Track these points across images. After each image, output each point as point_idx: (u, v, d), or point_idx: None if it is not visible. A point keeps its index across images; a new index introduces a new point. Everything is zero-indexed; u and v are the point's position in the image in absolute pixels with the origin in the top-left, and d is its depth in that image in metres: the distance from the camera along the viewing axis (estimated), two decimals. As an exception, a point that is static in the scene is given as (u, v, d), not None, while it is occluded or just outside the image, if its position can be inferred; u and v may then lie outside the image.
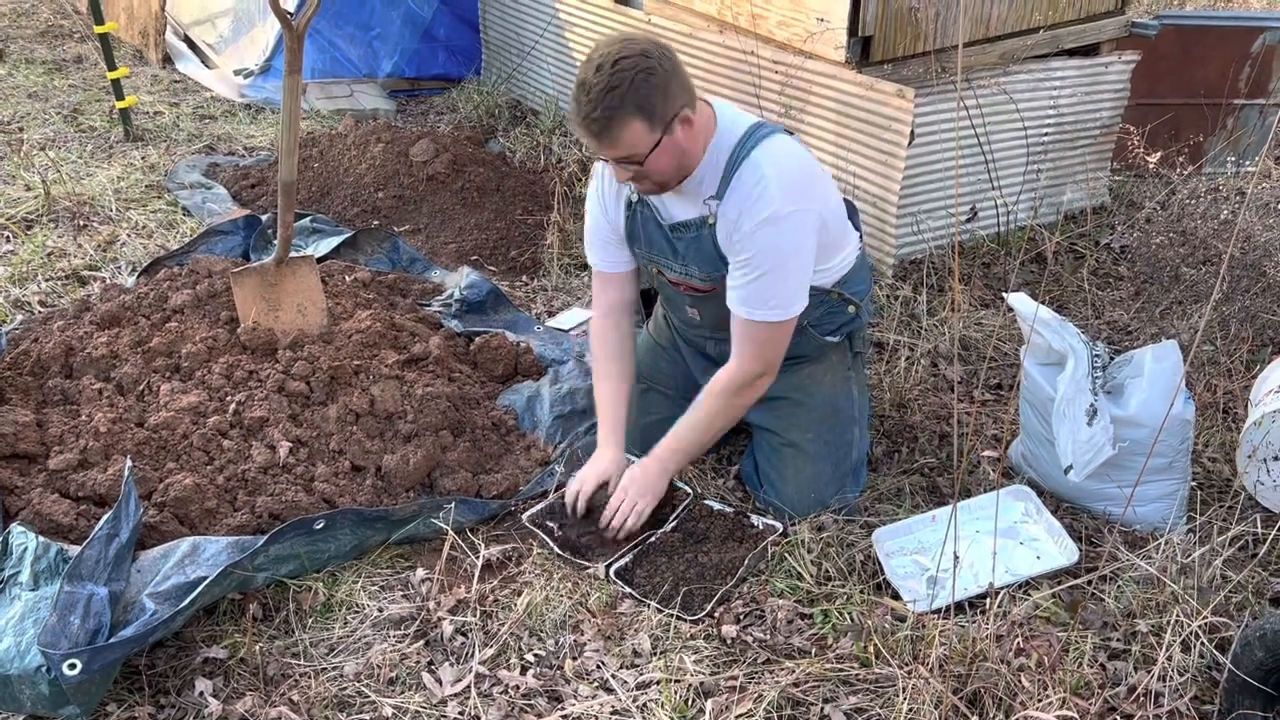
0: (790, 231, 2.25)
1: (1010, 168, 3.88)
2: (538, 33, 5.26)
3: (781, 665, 2.10)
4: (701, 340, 2.68)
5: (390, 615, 2.23)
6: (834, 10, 3.53)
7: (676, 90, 2.15)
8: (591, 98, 2.08)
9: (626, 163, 2.19)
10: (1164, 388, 2.38)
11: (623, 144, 2.14)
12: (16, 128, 5.05)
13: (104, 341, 2.86)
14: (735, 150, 2.26)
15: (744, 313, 2.32)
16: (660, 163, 2.19)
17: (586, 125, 2.12)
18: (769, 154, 2.25)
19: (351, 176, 4.38)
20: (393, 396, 2.75)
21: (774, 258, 2.25)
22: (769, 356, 2.39)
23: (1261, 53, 4.42)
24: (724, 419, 2.47)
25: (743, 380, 2.39)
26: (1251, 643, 1.90)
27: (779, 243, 2.24)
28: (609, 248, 2.56)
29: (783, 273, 2.28)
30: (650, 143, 2.15)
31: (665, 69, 2.12)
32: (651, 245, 2.47)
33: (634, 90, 2.08)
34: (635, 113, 2.10)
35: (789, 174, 2.25)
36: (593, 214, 2.55)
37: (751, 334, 2.34)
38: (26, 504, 2.30)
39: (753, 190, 2.23)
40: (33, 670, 1.87)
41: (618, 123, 2.10)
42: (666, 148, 2.17)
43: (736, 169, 2.25)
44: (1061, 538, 2.39)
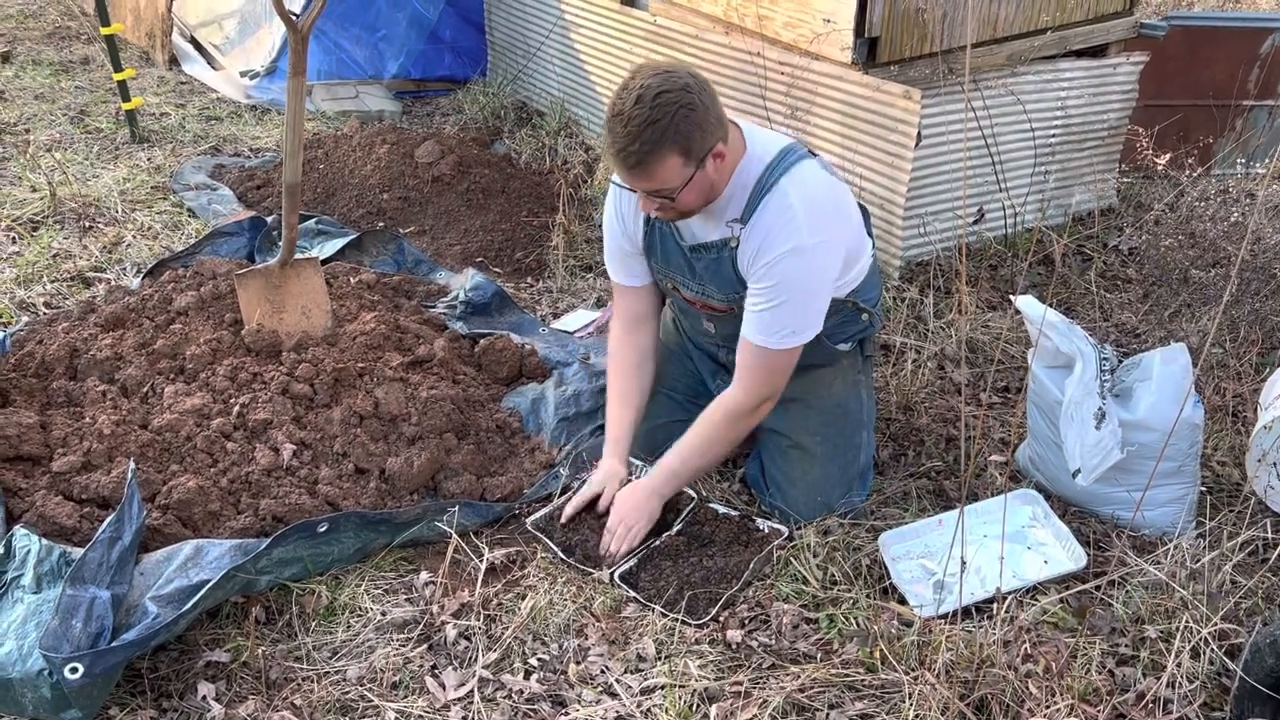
0: (814, 263, 2.24)
1: (1018, 169, 3.86)
2: (543, 34, 5.25)
3: (787, 670, 2.08)
4: (714, 348, 2.66)
5: (393, 619, 2.22)
6: (840, 11, 3.51)
7: (713, 125, 2.13)
8: (630, 130, 2.05)
9: (656, 195, 2.17)
10: (1173, 391, 2.36)
11: (657, 179, 2.12)
12: (23, 129, 5.05)
13: (108, 343, 2.86)
14: (763, 176, 2.24)
15: (756, 339, 2.30)
16: (689, 197, 2.18)
17: (623, 158, 2.09)
18: (796, 182, 2.23)
19: (357, 178, 4.38)
20: (397, 399, 2.74)
21: (795, 289, 2.24)
22: (775, 383, 2.37)
23: (1271, 54, 4.40)
24: (723, 445, 2.45)
25: (747, 407, 2.38)
26: (1262, 649, 1.89)
27: (801, 274, 2.23)
28: (628, 261, 2.55)
29: (801, 303, 2.27)
30: (684, 178, 2.13)
31: (704, 104, 2.10)
32: (669, 263, 2.46)
33: (674, 126, 2.05)
34: (673, 149, 2.07)
35: (816, 204, 2.23)
36: (610, 229, 2.53)
37: (760, 360, 2.32)
38: (30, 506, 2.30)
39: (778, 219, 2.21)
40: (35, 673, 1.86)
41: (656, 157, 2.07)
42: (698, 182, 2.16)
43: (764, 195, 2.23)
44: (1069, 542, 2.38)
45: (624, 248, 2.53)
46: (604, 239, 2.57)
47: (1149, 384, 2.41)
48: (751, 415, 2.40)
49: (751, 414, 2.39)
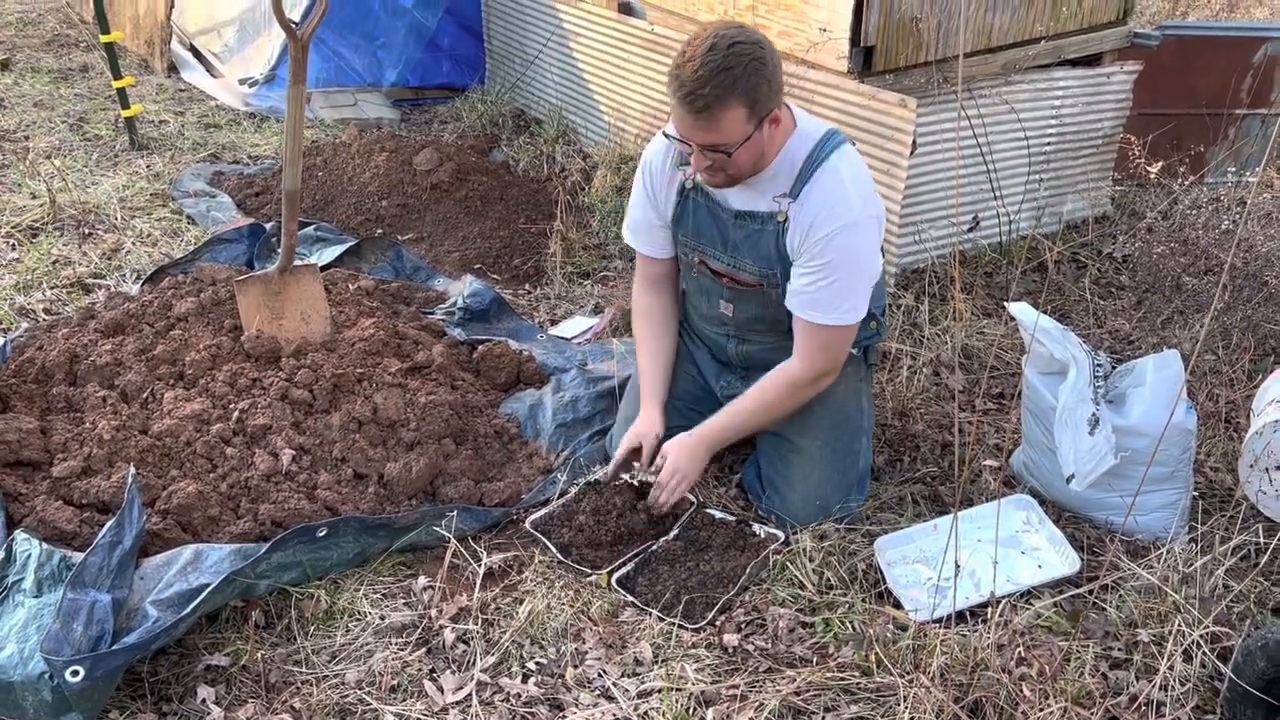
0: (865, 237, 2.29)
1: (1012, 177, 3.89)
2: (541, 42, 5.28)
3: (783, 674, 2.10)
4: (723, 340, 2.67)
5: (392, 623, 2.23)
6: (836, 20, 3.54)
7: (778, 87, 2.16)
8: (701, 75, 2.05)
9: (713, 150, 2.17)
10: (1166, 397, 2.38)
11: (721, 129, 2.12)
12: (23, 136, 5.07)
13: (108, 349, 2.87)
14: (814, 152, 2.28)
15: (815, 317, 2.34)
16: (743, 156, 2.20)
17: (690, 101, 2.08)
18: (846, 160, 2.29)
19: (355, 185, 4.40)
20: (395, 404, 2.76)
21: (850, 263, 2.29)
22: (836, 357, 2.42)
23: (1263, 63, 4.43)
24: (780, 410, 2.49)
25: (809, 378, 2.43)
26: (1253, 652, 1.90)
27: (855, 247, 2.28)
28: (653, 231, 2.58)
29: (856, 278, 2.32)
30: (745, 134, 2.14)
31: (773, 63, 2.13)
32: (700, 233, 2.48)
33: (746, 76, 2.07)
34: (741, 99, 2.09)
35: (863, 182, 2.30)
36: (639, 201, 2.56)
37: (821, 338, 2.37)
38: (30, 511, 2.31)
39: (832, 195, 2.25)
40: (36, 677, 1.87)
41: (722, 105, 2.08)
42: (754, 142, 2.18)
43: (814, 171, 2.27)
44: (1063, 547, 2.39)
45: (650, 220, 2.55)
46: (630, 211, 2.60)
47: (1142, 390, 2.43)
48: (810, 386, 2.45)
49: (810, 385, 2.45)
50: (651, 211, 2.54)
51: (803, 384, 2.44)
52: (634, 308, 2.72)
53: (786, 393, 2.45)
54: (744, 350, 2.61)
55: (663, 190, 2.50)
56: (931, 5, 3.56)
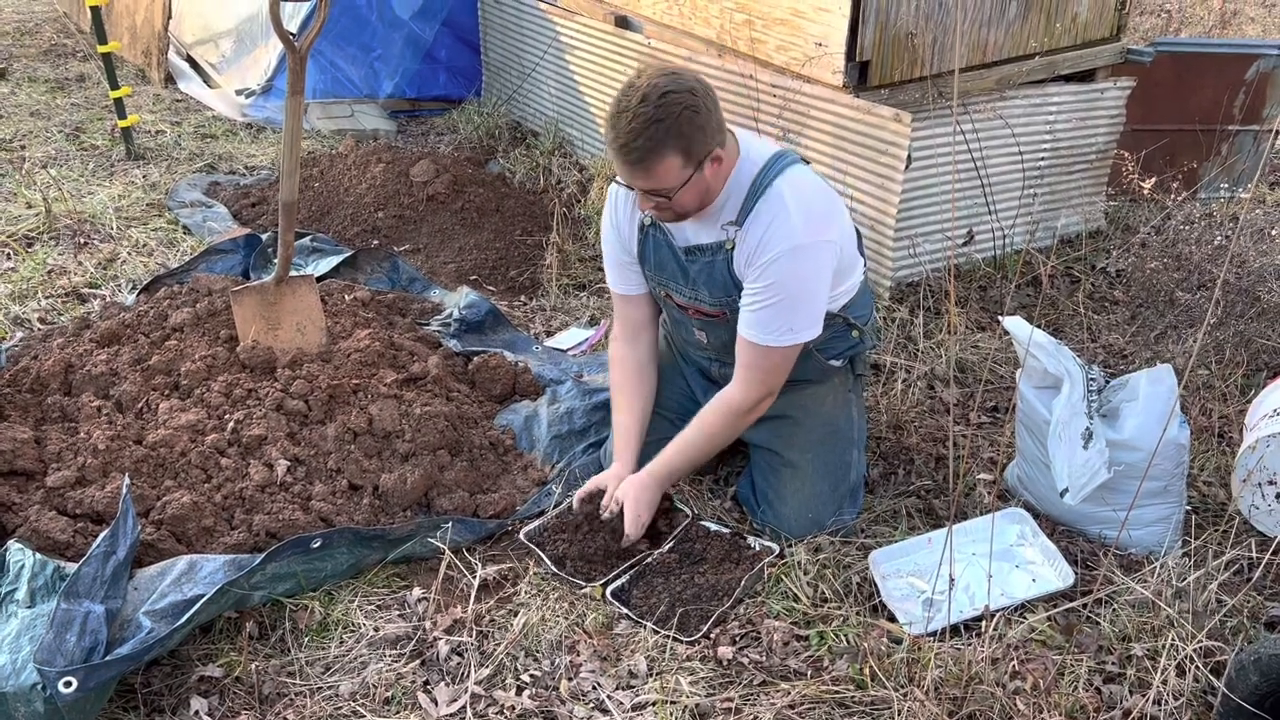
0: (809, 262, 2.27)
1: (1006, 192, 3.91)
2: (538, 55, 5.30)
3: (777, 687, 2.10)
4: (705, 362, 2.69)
5: (386, 635, 2.23)
6: (832, 36, 3.56)
7: (714, 130, 2.17)
8: (634, 127, 2.08)
9: (653, 194, 2.21)
10: (1159, 411, 2.39)
11: (656, 177, 2.15)
12: (19, 145, 5.07)
13: (103, 359, 2.87)
14: (758, 178, 2.28)
15: (752, 336, 2.33)
16: (685, 198, 2.22)
17: (624, 153, 2.12)
18: (791, 183, 2.27)
19: (352, 196, 4.41)
20: (391, 416, 2.76)
21: (791, 287, 2.28)
22: (772, 382, 2.41)
23: (1255, 80, 4.46)
24: (721, 439, 2.49)
25: (744, 404, 2.41)
26: (1246, 667, 1.91)
27: (797, 272, 2.27)
28: (625, 269, 2.58)
29: (797, 301, 2.30)
30: (683, 179, 2.17)
31: (707, 108, 2.14)
32: (661, 269, 2.49)
33: (678, 126, 2.09)
34: (674, 149, 2.11)
35: (810, 204, 2.27)
36: (607, 237, 2.57)
37: (757, 359, 2.36)
38: (24, 521, 2.31)
39: (774, 220, 2.25)
40: (28, 688, 1.87)
41: (656, 155, 2.11)
42: (695, 184, 2.20)
43: (758, 197, 2.27)
44: (1057, 561, 2.40)
45: (620, 256, 2.56)
46: (603, 247, 2.61)
47: (1135, 404, 2.44)
48: (750, 413, 2.44)
49: (750, 411, 2.43)
50: (619, 248, 2.55)
51: (741, 410, 2.42)
52: (610, 357, 2.67)
53: (726, 420, 2.44)
54: (725, 372, 2.61)
55: (626, 227, 2.52)
56: (927, 21, 3.58)
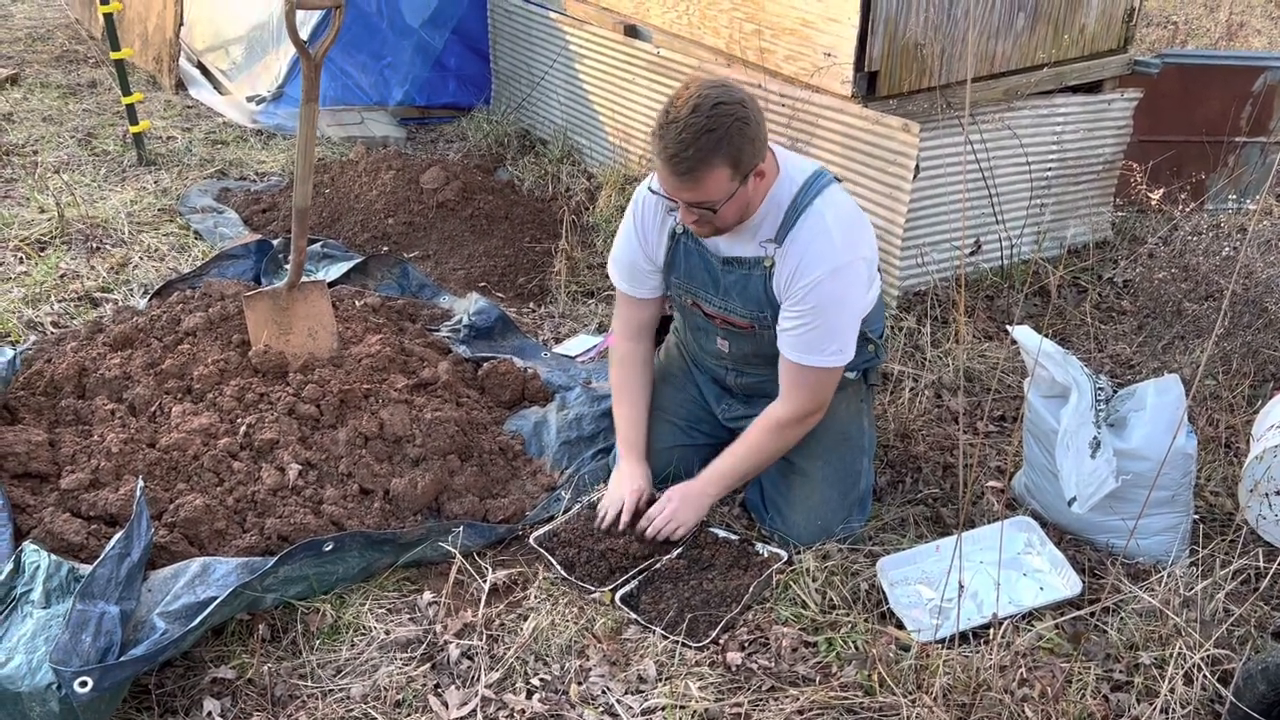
0: (850, 281, 2.31)
1: (1014, 202, 3.92)
2: (547, 64, 5.33)
3: (786, 693, 2.11)
4: (722, 371, 2.70)
5: (397, 638, 2.24)
6: (841, 46, 3.58)
7: (761, 143, 2.19)
8: (684, 137, 2.08)
9: (697, 207, 2.21)
10: (1166, 421, 2.40)
11: (704, 188, 2.15)
12: (31, 151, 5.10)
13: (117, 363, 2.89)
14: (798, 197, 2.30)
15: (801, 359, 2.36)
16: (729, 211, 2.23)
17: (674, 164, 2.12)
18: (830, 203, 2.30)
19: (362, 203, 4.43)
20: (401, 420, 2.78)
21: (834, 307, 2.31)
22: (821, 398, 2.45)
23: (1263, 92, 4.48)
24: (771, 452, 2.52)
25: (795, 418, 2.46)
26: (1253, 676, 1.92)
27: (840, 292, 2.30)
28: (639, 274, 2.59)
29: (840, 320, 2.34)
30: (729, 192, 2.18)
31: (757, 121, 2.15)
32: (692, 277, 2.50)
33: (729, 137, 2.09)
34: (725, 160, 2.12)
35: (848, 225, 2.31)
36: (628, 243, 2.56)
37: (807, 379, 2.39)
38: (38, 523, 2.32)
39: (816, 240, 2.27)
40: (43, 687, 1.88)
41: (706, 166, 2.11)
42: (739, 197, 2.21)
43: (799, 216, 2.29)
44: (1064, 569, 2.41)
45: (638, 263, 2.56)
46: (617, 249, 2.60)
47: (1143, 414, 2.45)
48: (797, 426, 2.48)
49: (797, 425, 2.48)
50: (639, 253, 2.55)
51: (789, 424, 2.46)
52: (612, 355, 2.70)
53: (775, 436, 2.48)
54: (743, 381, 2.64)
55: (654, 234, 2.52)
56: (935, 32, 3.60)
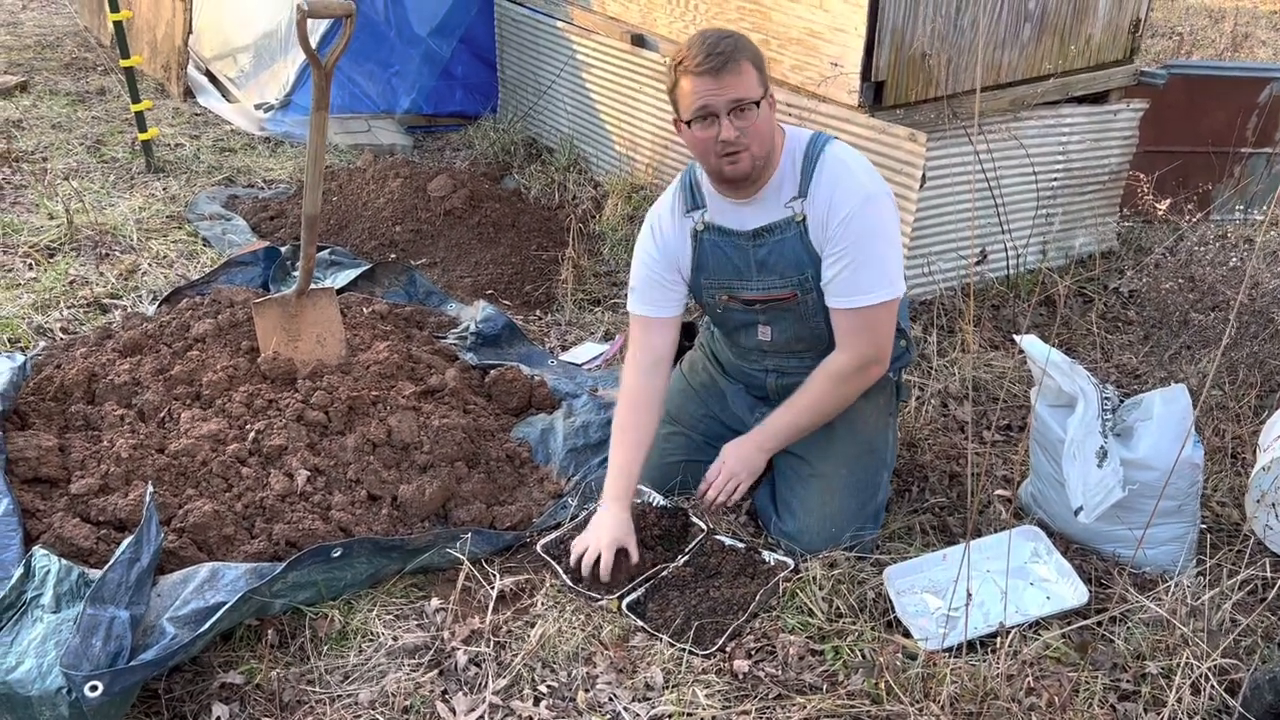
0: (881, 210, 2.36)
1: (1020, 212, 3.93)
2: (554, 73, 5.35)
3: (793, 701, 2.11)
4: (762, 374, 2.67)
5: (405, 644, 2.25)
6: (848, 56, 3.60)
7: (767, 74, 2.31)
8: (712, 39, 2.23)
9: (740, 110, 2.25)
10: (1173, 431, 2.40)
11: (743, 81, 2.24)
12: (41, 158, 5.13)
13: (126, 369, 2.91)
14: (808, 150, 2.39)
15: (849, 301, 2.38)
16: (762, 123, 2.28)
17: (710, 60, 2.21)
18: (841, 149, 2.40)
19: (370, 210, 4.45)
20: (409, 427, 2.79)
21: (872, 239, 2.34)
22: (879, 340, 2.43)
23: (1269, 103, 4.48)
24: (831, 404, 2.50)
25: (856, 365, 2.44)
26: (1261, 686, 1.92)
27: (874, 223, 2.34)
28: (657, 289, 2.55)
29: (882, 252, 2.36)
30: (760, 93, 2.26)
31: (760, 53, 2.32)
32: (723, 269, 2.50)
33: (749, 43, 2.27)
34: (750, 60, 2.25)
35: (864, 163, 2.41)
36: (646, 255, 2.55)
37: (858, 322, 2.40)
38: (48, 527, 2.33)
39: (839, 178, 2.34)
40: (53, 691, 1.89)
41: (737, 59, 2.22)
42: (765, 112, 2.28)
43: (815, 165, 2.37)
44: (1071, 579, 2.40)
45: (657, 276, 2.54)
46: (635, 275, 2.57)
47: (1150, 424, 2.45)
48: (856, 376, 2.46)
49: (856, 374, 2.45)
50: (663, 268, 2.54)
51: (851, 374, 2.45)
52: (622, 389, 2.58)
53: (832, 387, 2.47)
54: (782, 383, 2.62)
55: (675, 239, 2.52)
56: (942, 42, 3.62)
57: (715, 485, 2.51)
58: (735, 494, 2.52)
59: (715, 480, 2.52)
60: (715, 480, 2.52)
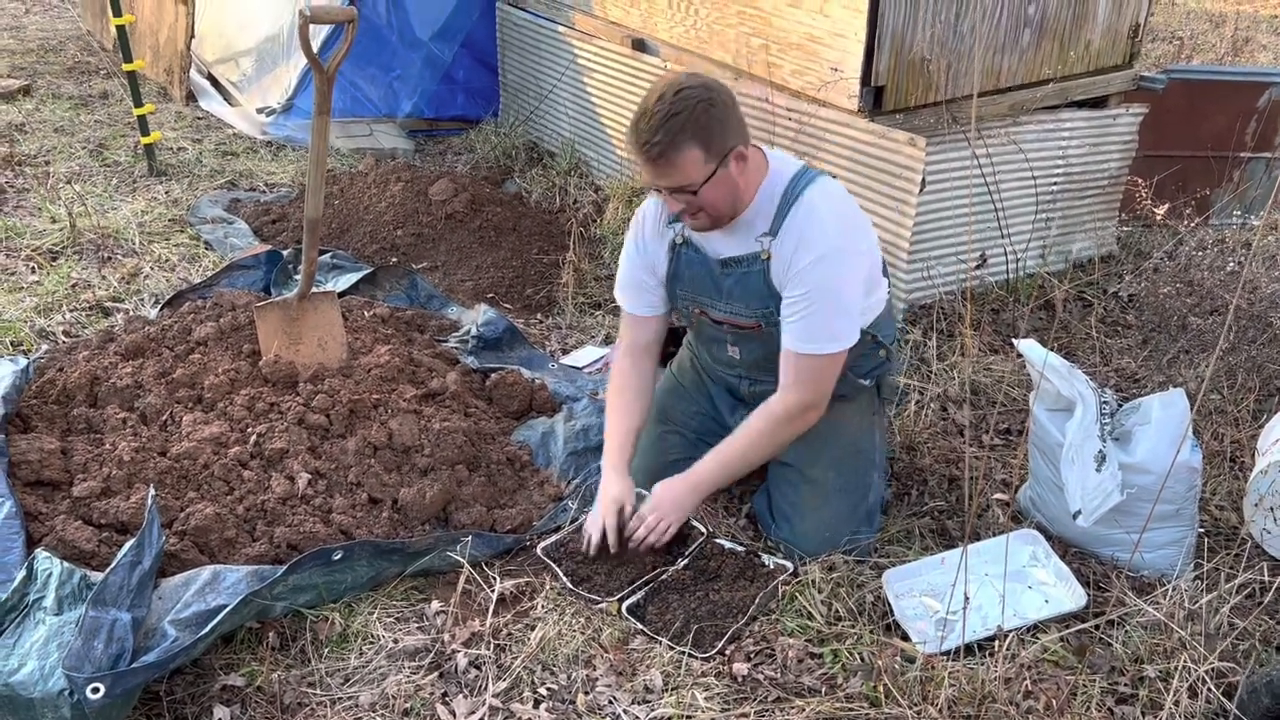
0: (844, 266, 2.32)
1: (1019, 216, 3.94)
2: (555, 77, 5.36)
3: (792, 704, 2.12)
4: (735, 380, 2.70)
5: (405, 647, 2.26)
6: (847, 61, 3.61)
7: (734, 125, 2.22)
8: (652, 124, 2.14)
9: (680, 193, 2.24)
10: (1171, 435, 2.41)
11: (679, 171, 2.19)
12: (43, 161, 5.15)
13: (128, 372, 2.92)
14: (788, 189, 2.34)
15: (797, 346, 2.36)
16: (713, 195, 2.25)
17: (645, 150, 2.17)
18: (822, 192, 2.34)
19: (371, 214, 4.46)
20: (410, 430, 2.80)
21: (829, 292, 2.31)
22: (820, 389, 2.42)
23: (1268, 107, 4.49)
24: (766, 447, 2.48)
25: (792, 411, 2.42)
26: (1258, 689, 1.93)
27: (834, 277, 2.31)
28: (642, 291, 2.60)
29: (836, 306, 2.33)
30: (705, 173, 2.20)
31: (725, 103, 2.19)
32: (695, 285, 2.52)
33: (694, 119, 2.14)
34: (693, 141, 2.16)
35: (841, 212, 2.35)
36: (630, 257, 2.58)
37: (803, 367, 2.38)
38: (50, 530, 2.34)
39: (808, 226, 2.30)
40: (55, 694, 1.90)
41: (675, 148, 2.15)
42: (721, 180, 2.23)
43: (790, 206, 2.32)
44: (1069, 582, 2.41)
45: (641, 278, 2.58)
46: (620, 267, 2.62)
47: (1148, 428, 2.46)
48: (797, 420, 2.43)
49: (796, 419, 2.43)
50: (642, 269, 2.57)
51: (789, 417, 2.42)
52: (612, 374, 2.66)
53: (773, 428, 2.43)
54: (755, 390, 2.64)
55: (654, 246, 2.54)
56: (941, 47, 3.63)
57: (646, 525, 2.44)
58: (666, 535, 2.44)
59: (647, 519, 2.45)
60: (647, 519, 2.45)
